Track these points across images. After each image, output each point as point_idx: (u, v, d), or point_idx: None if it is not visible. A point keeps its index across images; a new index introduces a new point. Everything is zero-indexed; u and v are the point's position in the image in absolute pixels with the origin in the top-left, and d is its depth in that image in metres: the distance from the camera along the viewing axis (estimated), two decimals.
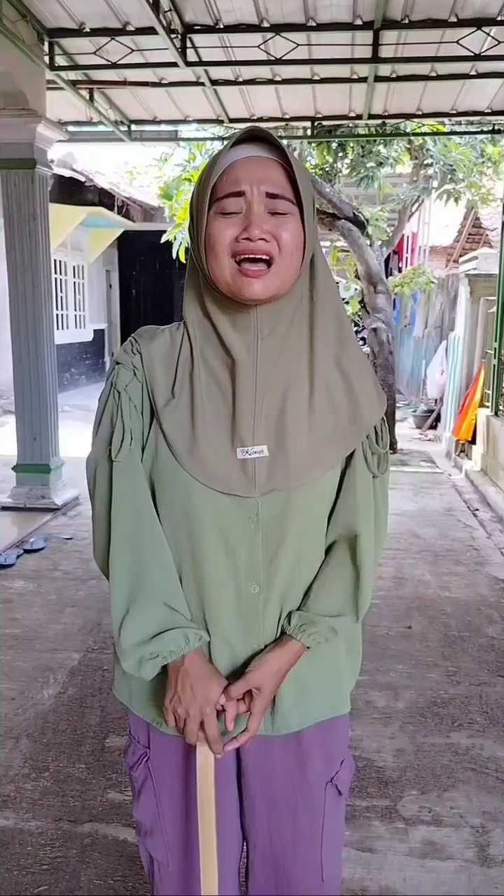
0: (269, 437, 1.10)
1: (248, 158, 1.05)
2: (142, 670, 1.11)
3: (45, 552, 4.53)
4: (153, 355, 1.14)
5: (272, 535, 1.12)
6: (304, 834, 1.22)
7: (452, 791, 2.30)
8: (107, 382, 1.16)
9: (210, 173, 1.06)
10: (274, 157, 1.06)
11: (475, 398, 7.31)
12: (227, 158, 1.06)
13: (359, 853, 2.02)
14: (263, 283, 1.05)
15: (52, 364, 5.49)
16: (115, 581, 1.13)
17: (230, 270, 1.05)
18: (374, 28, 4.68)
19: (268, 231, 1.04)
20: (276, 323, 1.10)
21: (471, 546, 4.82)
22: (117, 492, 1.12)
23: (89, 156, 12.53)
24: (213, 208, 1.06)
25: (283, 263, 1.05)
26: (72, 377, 13.19)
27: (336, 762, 1.24)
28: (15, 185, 5.09)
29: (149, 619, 1.11)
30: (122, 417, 1.12)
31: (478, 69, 5.41)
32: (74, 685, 2.90)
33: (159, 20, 4.35)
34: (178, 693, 1.11)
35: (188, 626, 1.12)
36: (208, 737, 1.11)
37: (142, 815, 1.25)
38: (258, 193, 1.04)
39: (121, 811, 2.17)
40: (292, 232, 1.06)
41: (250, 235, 1.03)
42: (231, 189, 1.04)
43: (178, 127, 7.08)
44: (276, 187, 1.05)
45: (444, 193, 8.38)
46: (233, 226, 1.05)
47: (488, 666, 3.14)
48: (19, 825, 2.12)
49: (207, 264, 1.07)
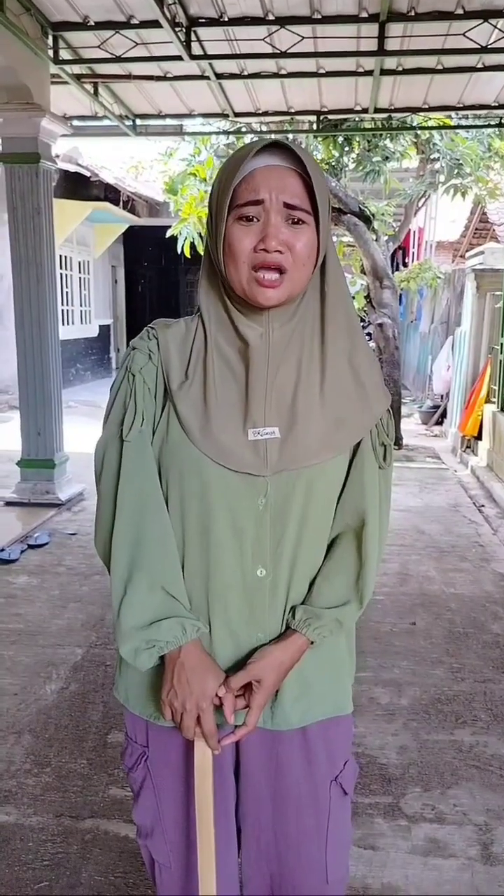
0: (280, 420, 1.13)
1: (268, 168, 1.08)
2: (137, 659, 1.11)
3: (48, 547, 4.53)
4: (169, 340, 1.17)
5: (280, 516, 1.13)
6: (308, 832, 1.21)
7: (456, 788, 2.29)
8: (121, 368, 1.19)
9: (231, 178, 1.09)
10: (293, 167, 1.09)
11: (481, 394, 7.28)
12: (248, 165, 1.09)
13: (361, 851, 2.01)
14: (277, 292, 1.10)
15: (57, 359, 5.48)
16: (115, 559, 1.13)
17: (247, 278, 1.10)
18: (379, 20, 4.64)
19: (283, 242, 1.08)
20: (289, 318, 1.14)
21: (476, 542, 4.80)
22: (125, 470, 1.14)
23: (94, 151, 12.50)
24: (232, 213, 1.10)
25: (296, 273, 1.10)
26: (77, 373, 13.19)
27: (339, 761, 1.23)
28: (19, 179, 5.08)
29: (146, 602, 1.11)
30: (136, 398, 1.14)
31: (484, 62, 5.37)
32: (77, 681, 2.90)
33: (163, 13, 4.33)
34: (174, 686, 1.10)
35: (186, 616, 1.11)
36: (205, 732, 1.10)
37: (142, 816, 1.24)
38: (276, 203, 1.08)
39: (122, 807, 2.17)
40: (306, 242, 1.10)
41: (267, 247, 1.07)
42: (250, 197, 1.08)
43: (182, 121, 7.06)
44: (294, 197, 1.08)
45: (451, 188, 8.34)
46: (251, 234, 1.09)
47: (493, 663, 3.12)
48: (20, 821, 2.12)
49: (225, 268, 1.11)
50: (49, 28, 4.90)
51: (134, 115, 6.63)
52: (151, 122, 6.88)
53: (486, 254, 7.87)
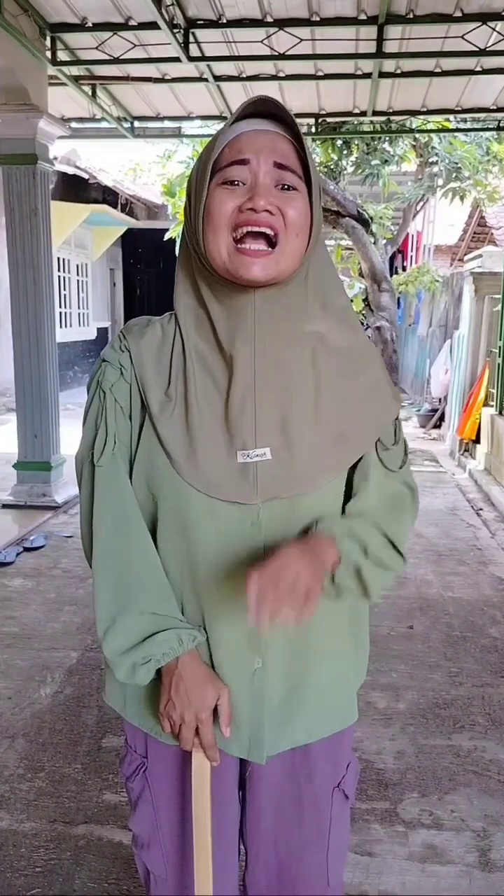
0: (271, 438, 1.02)
1: (255, 131, 0.98)
2: (136, 676, 1.05)
3: (45, 550, 4.50)
4: (143, 353, 1.06)
5: (275, 542, 1.03)
6: (311, 840, 1.18)
7: (453, 794, 2.27)
8: (93, 380, 1.10)
9: (213, 146, 0.98)
10: (282, 132, 0.99)
11: (479, 397, 7.27)
12: (232, 131, 0.98)
13: (358, 857, 1.99)
14: (264, 264, 0.96)
15: (54, 361, 5.46)
16: (98, 591, 1.07)
17: (227, 248, 0.97)
18: (378, 23, 4.64)
19: (274, 204, 0.95)
20: (276, 312, 1.01)
21: (474, 546, 4.78)
22: (99, 499, 1.07)
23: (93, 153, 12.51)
24: (214, 179, 0.98)
25: (288, 243, 0.97)
26: (75, 375, 13.16)
27: (343, 766, 1.21)
28: (16, 180, 5.06)
29: (134, 627, 1.05)
30: (107, 420, 1.06)
31: (483, 65, 5.36)
32: (72, 684, 2.87)
33: (162, 15, 4.32)
34: (172, 698, 1.05)
35: (181, 627, 1.05)
36: (203, 743, 1.07)
37: (139, 827, 1.20)
38: (265, 163, 0.96)
39: (116, 813, 2.14)
40: (300, 210, 0.98)
41: (255, 205, 0.94)
42: (235, 157, 0.97)
43: (181, 123, 7.05)
44: (284, 158, 0.97)
45: (450, 191, 8.36)
46: (235, 196, 0.96)
47: (491, 667, 3.10)
48: (13, 826, 2.09)
49: (204, 241, 0.98)
50: (47, 29, 4.90)
51: (132, 117, 6.64)
52: (149, 124, 6.87)
53: (484, 257, 7.87)
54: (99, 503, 1.07)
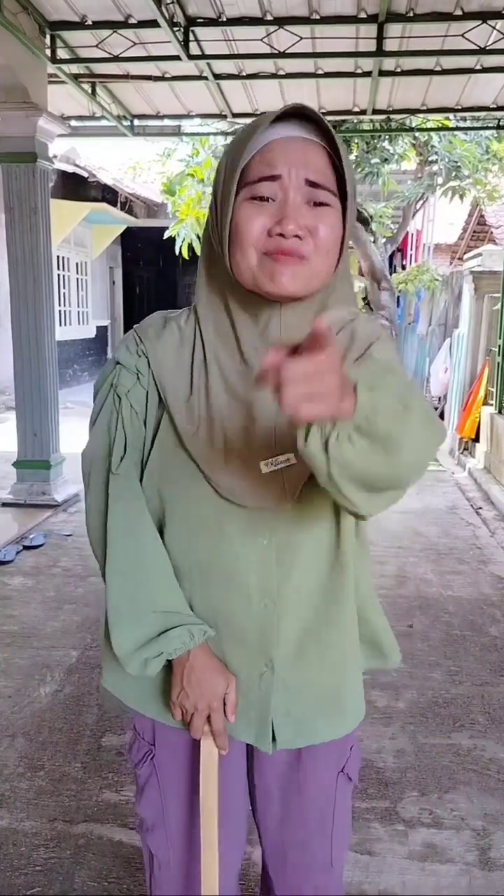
0: (293, 447, 1.01)
1: (287, 139, 0.93)
2: (147, 669, 1.08)
3: (44, 549, 4.50)
4: (161, 359, 1.04)
5: (286, 545, 1.05)
6: (316, 824, 1.21)
7: (453, 793, 2.27)
8: (105, 380, 1.08)
9: (242, 150, 0.93)
10: (316, 140, 0.94)
11: (479, 396, 7.27)
12: (263, 137, 0.93)
13: (357, 856, 1.99)
14: (293, 274, 0.93)
15: (53, 360, 5.46)
16: (111, 592, 1.09)
17: (257, 262, 0.94)
18: (378, 21, 4.63)
19: (304, 226, 0.92)
20: (303, 326, 0.96)
21: (474, 545, 4.78)
22: (114, 506, 1.07)
23: (92, 152, 12.50)
24: (241, 192, 0.94)
25: (318, 262, 0.94)
26: (74, 373, 13.15)
27: (347, 750, 1.22)
28: (16, 178, 5.05)
29: (146, 625, 1.07)
30: (124, 426, 1.05)
31: (483, 63, 5.36)
32: (72, 683, 2.87)
33: (161, 13, 4.31)
34: (185, 688, 1.08)
35: (192, 623, 1.07)
36: (214, 731, 1.09)
37: (145, 811, 1.22)
38: (296, 179, 0.92)
39: (116, 811, 2.14)
40: (331, 227, 0.94)
41: (284, 231, 0.91)
42: (265, 172, 0.92)
43: (180, 122, 7.04)
44: (317, 174, 0.93)
45: (449, 190, 8.35)
46: (265, 215, 0.93)
47: (491, 666, 3.10)
48: (13, 825, 2.09)
49: (230, 255, 0.96)
50: (46, 27, 4.88)
51: (132, 116, 6.62)
52: (149, 122, 6.86)
53: (483, 256, 7.87)
54: (114, 510, 1.07)
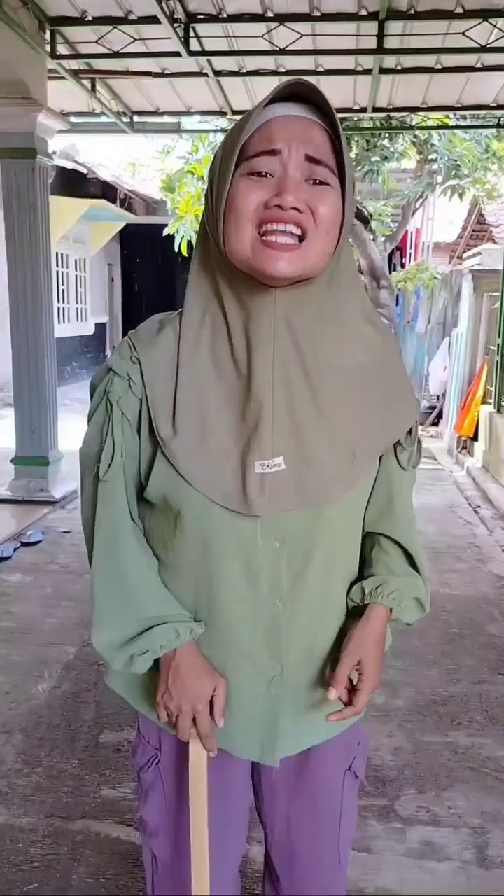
0: (286, 448, 0.98)
1: (288, 117, 0.90)
2: (133, 666, 1.06)
3: (42, 545, 4.50)
4: (153, 367, 1.01)
5: (298, 551, 1.03)
6: (324, 822, 1.20)
7: (451, 791, 2.27)
8: (100, 385, 1.06)
9: (241, 130, 0.90)
10: (316, 120, 0.91)
11: (478, 395, 7.27)
12: (261, 115, 0.90)
13: (355, 853, 1.98)
14: (290, 258, 0.89)
15: (52, 356, 5.45)
16: (95, 594, 1.08)
17: (251, 242, 0.90)
18: (379, 18, 4.62)
19: (303, 200, 0.89)
20: (298, 314, 0.96)
21: (472, 543, 4.79)
22: (101, 511, 1.06)
23: (92, 148, 12.46)
24: (239, 168, 0.91)
25: (317, 241, 0.90)
26: (73, 370, 13.13)
27: (354, 746, 1.22)
28: (15, 174, 5.04)
29: (130, 624, 1.06)
30: (113, 434, 1.03)
31: (483, 62, 5.36)
32: (69, 680, 2.87)
33: (162, 9, 4.31)
34: (169, 688, 1.05)
35: (178, 620, 1.05)
36: (201, 733, 1.07)
37: (149, 815, 1.20)
38: (296, 155, 0.89)
39: (114, 808, 2.14)
40: (331, 206, 0.91)
41: (282, 202, 0.88)
42: (264, 147, 0.90)
43: (180, 118, 7.03)
44: (317, 151, 0.90)
45: (449, 189, 8.34)
46: (262, 189, 0.90)
47: (488, 664, 3.10)
48: (10, 821, 2.09)
49: (225, 234, 0.92)
50: (46, 22, 4.87)
51: (131, 112, 6.61)
52: (149, 118, 6.84)
53: (483, 255, 7.86)
54: (100, 517, 1.07)
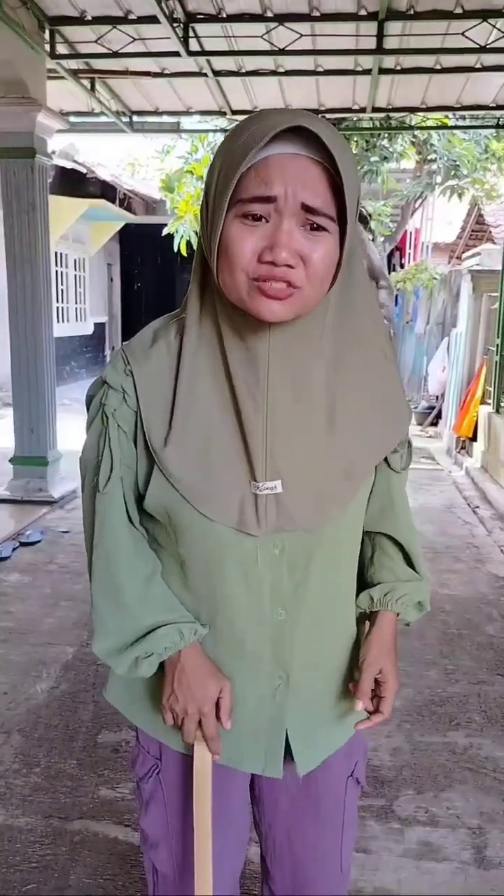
0: (282, 471, 0.99)
1: (286, 156, 0.86)
2: (138, 669, 1.05)
3: (41, 545, 4.50)
4: (147, 381, 1.00)
5: (299, 560, 1.04)
6: (327, 830, 1.20)
7: (449, 791, 2.27)
8: (95, 399, 1.05)
9: (237, 163, 0.87)
10: (318, 158, 0.87)
11: (476, 395, 7.27)
12: (261, 150, 0.86)
13: (353, 853, 1.98)
14: (283, 306, 0.90)
15: (51, 356, 5.45)
16: (97, 610, 1.07)
17: (246, 288, 0.90)
18: (378, 19, 4.63)
19: (297, 252, 0.87)
20: (293, 344, 0.96)
21: (470, 543, 4.79)
22: (100, 523, 1.05)
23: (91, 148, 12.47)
24: (234, 208, 0.89)
25: (309, 291, 0.90)
26: (72, 370, 13.13)
27: (356, 753, 1.22)
28: (14, 174, 5.04)
29: (131, 628, 1.06)
30: (111, 446, 1.02)
31: (483, 62, 5.36)
32: (68, 680, 2.87)
33: (161, 9, 4.30)
34: (175, 691, 1.05)
35: (181, 621, 1.05)
36: (206, 735, 1.06)
37: (149, 827, 1.19)
38: (292, 202, 0.86)
39: (112, 808, 2.14)
40: (324, 255, 0.89)
41: (275, 258, 0.86)
42: (260, 192, 0.87)
43: (180, 118, 7.03)
44: (315, 198, 0.87)
45: (448, 189, 8.34)
46: (255, 237, 0.88)
47: (487, 664, 3.10)
48: (9, 822, 2.09)
49: (219, 274, 0.93)
50: (46, 22, 4.88)
51: (131, 112, 6.61)
52: (148, 118, 6.84)
53: (482, 255, 7.86)
54: (99, 527, 1.06)
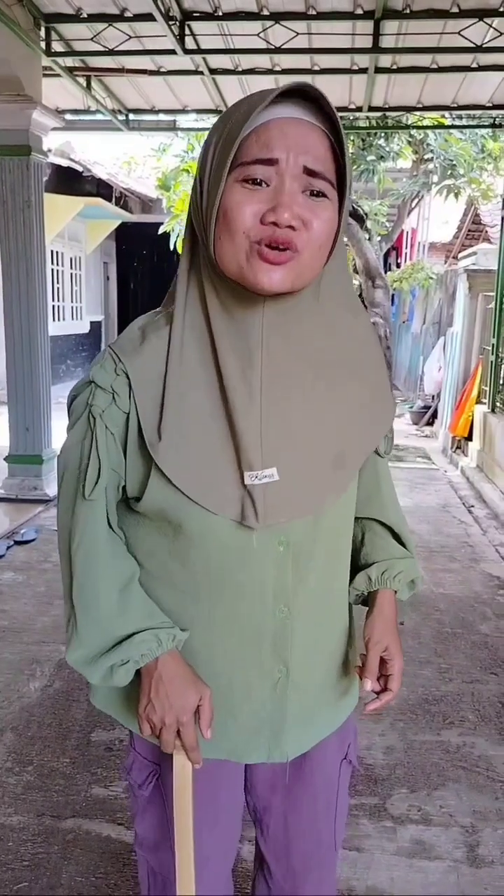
0: (279, 458, 0.97)
1: (287, 120, 0.85)
2: (114, 678, 1.01)
3: (35, 543, 4.49)
4: (141, 379, 0.96)
5: (302, 554, 1.03)
6: (321, 813, 1.20)
7: (442, 790, 2.27)
8: (80, 399, 1.01)
9: (237, 128, 0.85)
10: (318, 124, 0.86)
11: (472, 394, 7.28)
12: (261, 115, 0.85)
13: (346, 852, 1.99)
14: (283, 272, 0.88)
15: (46, 354, 5.44)
16: (73, 618, 1.02)
17: (245, 253, 0.87)
18: (374, 17, 4.63)
19: (298, 215, 0.86)
20: (287, 325, 0.95)
21: (465, 543, 4.79)
22: (81, 529, 1.01)
23: (87, 146, 12.44)
24: (233, 172, 0.86)
25: (310, 256, 0.88)
26: (67, 369, 13.11)
27: (348, 735, 1.22)
28: (10, 172, 5.02)
29: (108, 638, 1.01)
30: (98, 450, 0.98)
31: (479, 61, 5.36)
32: (61, 678, 2.86)
33: (157, 7, 4.30)
34: (151, 700, 1.01)
35: (159, 627, 1.00)
36: (185, 745, 1.02)
37: (147, 830, 1.17)
38: (294, 166, 0.85)
39: (104, 807, 2.14)
40: (326, 220, 0.88)
41: (278, 219, 0.85)
42: (261, 155, 0.85)
43: (176, 117, 7.01)
44: (316, 162, 0.86)
45: (444, 189, 8.35)
46: (257, 200, 0.86)
47: (481, 663, 3.11)
48: (1, 820, 2.08)
49: (215, 242, 0.89)
50: (41, 19, 4.86)
51: (127, 110, 6.60)
52: (144, 117, 6.83)
53: (478, 254, 7.87)
54: (79, 533, 1.01)
